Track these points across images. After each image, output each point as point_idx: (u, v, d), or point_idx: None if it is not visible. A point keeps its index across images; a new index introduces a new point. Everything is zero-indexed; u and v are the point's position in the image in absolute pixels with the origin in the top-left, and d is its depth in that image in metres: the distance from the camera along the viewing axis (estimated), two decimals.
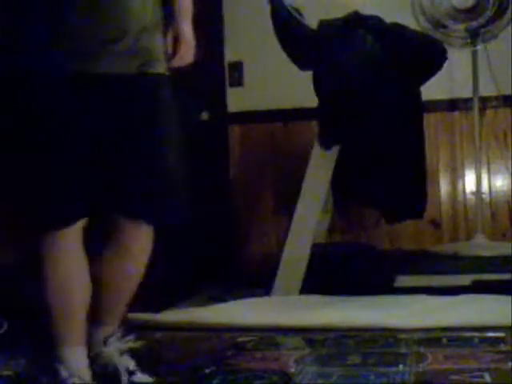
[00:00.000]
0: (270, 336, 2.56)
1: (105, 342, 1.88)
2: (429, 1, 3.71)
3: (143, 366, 1.89)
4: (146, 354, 1.95)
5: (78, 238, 1.82)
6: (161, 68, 1.91)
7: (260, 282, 3.39)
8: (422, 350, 2.24)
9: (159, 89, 1.92)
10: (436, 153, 4.01)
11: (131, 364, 1.87)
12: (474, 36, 3.71)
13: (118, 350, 1.88)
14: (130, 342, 1.90)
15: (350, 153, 3.31)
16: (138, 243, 1.91)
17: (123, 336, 1.91)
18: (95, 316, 1.88)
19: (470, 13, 3.69)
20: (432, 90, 3.55)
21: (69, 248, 1.79)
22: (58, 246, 1.78)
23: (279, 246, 3.54)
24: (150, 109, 1.89)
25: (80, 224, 1.81)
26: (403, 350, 2.27)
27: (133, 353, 1.91)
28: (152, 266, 1.91)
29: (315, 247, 3.35)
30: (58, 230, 1.78)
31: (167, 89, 1.94)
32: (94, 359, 1.86)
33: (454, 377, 1.92)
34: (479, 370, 1.97)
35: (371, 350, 2.29)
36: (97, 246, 1.91)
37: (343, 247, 3.83)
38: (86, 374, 1.78)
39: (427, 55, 3.23)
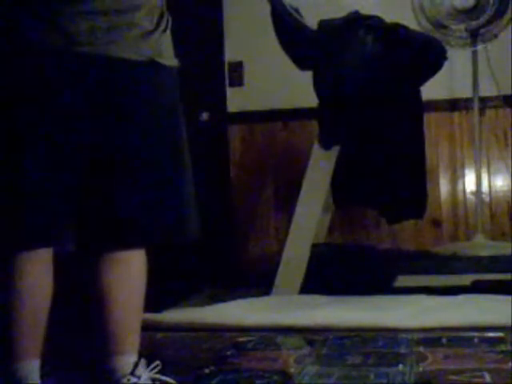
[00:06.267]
0: (270, 336, 2.55)
1: (132, 374, 1.72)
2: (429, 1, 3.71)
3: None
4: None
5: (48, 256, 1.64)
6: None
7: (260, 281, 3.39)
8: (421, 349, 2.24)
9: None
10: (436, 153, 4.01)
11: None
12: (473, 36, 3.72)
13: (151, 380, 1.74)
14: (158, 369, 1.76)
15: (349, 153, 3.31)
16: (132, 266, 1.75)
17: (148, 364, 1.76)
18: (113, 344, 1.73)
19: (470, 13, 3.69)
20: (432, 89, 3.55)
21: (38, 265, 1.61)
22: (26, 261, 1.59)
23: (279, 246, 3.54)
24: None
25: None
26: (403, 350, 2.27)
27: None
28: (152, 266, 1.87)
29: (315, 247, 3.35)
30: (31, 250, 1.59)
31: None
32: None
33: (453, 377, 1.92)
34: (479, 369, 1.97)
35: (371, 349, 2.29)
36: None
37: (343, 247, 3.83)
38: None
39: (427, 55, 3.23)
